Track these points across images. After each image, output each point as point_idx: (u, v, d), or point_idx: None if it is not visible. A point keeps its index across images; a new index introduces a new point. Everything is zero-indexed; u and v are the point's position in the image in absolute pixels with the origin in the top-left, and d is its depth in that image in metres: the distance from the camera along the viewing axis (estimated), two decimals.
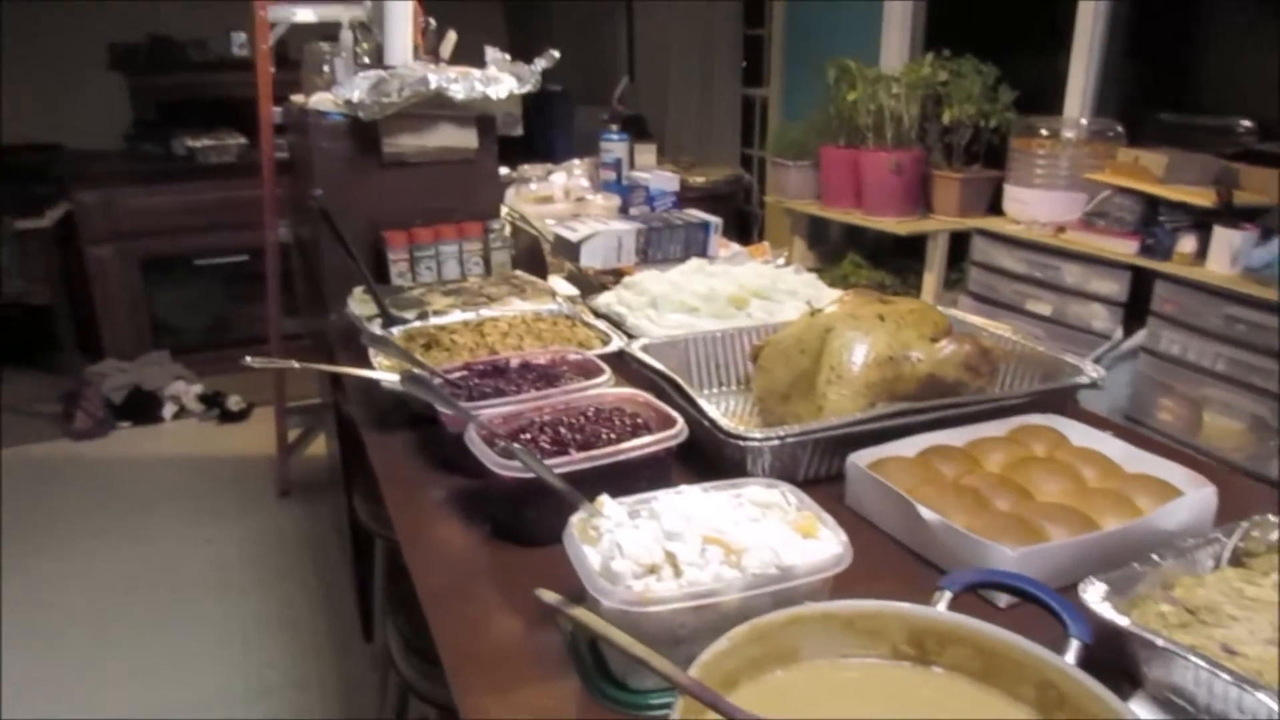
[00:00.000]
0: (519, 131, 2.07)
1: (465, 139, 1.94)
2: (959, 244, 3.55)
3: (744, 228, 5.06)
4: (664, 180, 2.55)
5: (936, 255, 3.57)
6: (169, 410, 3.89)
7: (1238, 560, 0.89)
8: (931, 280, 3.58)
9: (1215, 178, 2.66)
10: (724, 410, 1.41)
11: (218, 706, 2.29)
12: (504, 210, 2.18)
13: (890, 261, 3.98)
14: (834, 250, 4.22)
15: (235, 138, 4.45)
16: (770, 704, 0.67)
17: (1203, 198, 2.60)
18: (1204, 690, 0.73)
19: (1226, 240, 2.46)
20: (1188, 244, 2.58)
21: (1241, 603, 0.82)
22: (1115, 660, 0.80)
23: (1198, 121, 3.06)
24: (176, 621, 2.62)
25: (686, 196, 2.79)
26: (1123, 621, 0.77)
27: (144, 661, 2.45)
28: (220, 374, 4.04)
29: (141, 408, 3.86)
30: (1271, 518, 0.92)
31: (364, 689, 2.33)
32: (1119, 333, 2.77)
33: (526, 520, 1.03)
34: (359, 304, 1.68)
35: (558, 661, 0.86)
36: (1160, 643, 0.74)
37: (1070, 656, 0.69)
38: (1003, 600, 0.91)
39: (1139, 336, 2.70)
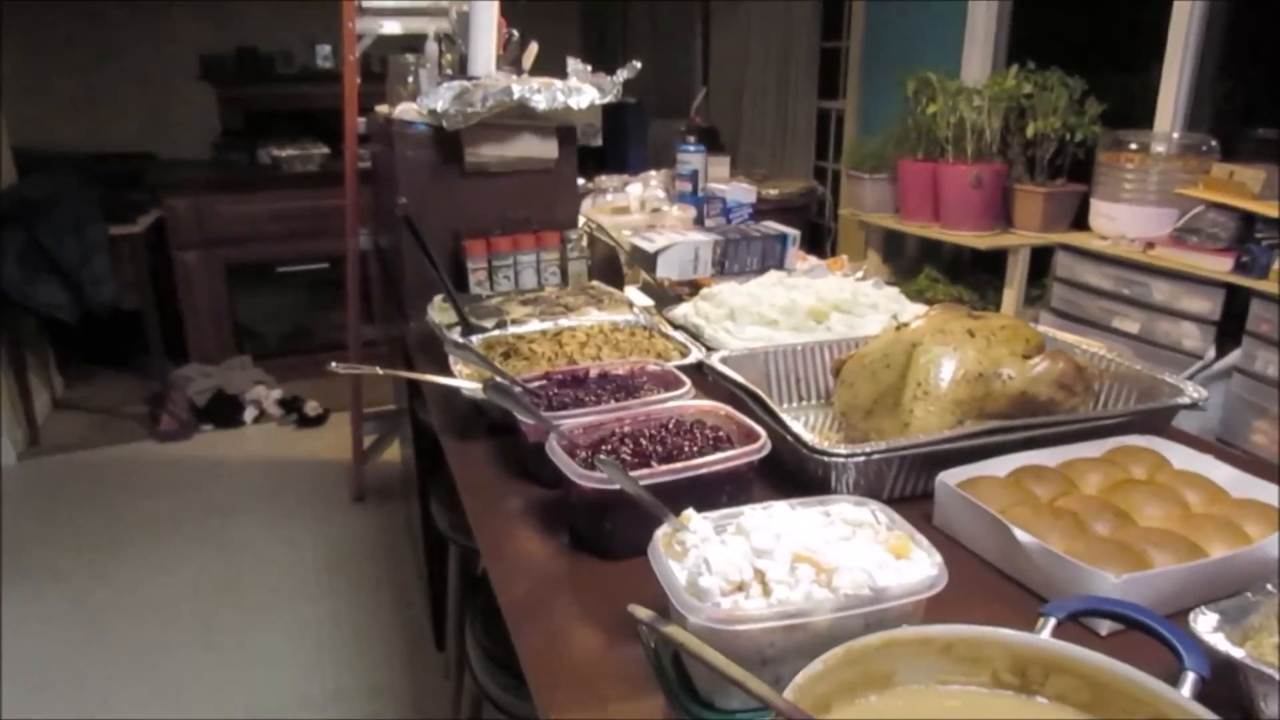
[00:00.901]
0: (599, 142, 2.08)
1: (546, 149, 1.96)
2: (1039, 260, 3.45)
3: (816, 241, 5.01)
4: (741, 192, 2.54)
5: (1017, 270, 3.48)
6: (250, 414, 4.00)
7: None
8: (1012, 296, 3.49)
9: None
10: (804, 425, 1.38)
11: (294, 709, 2.33)
12: (581, 221, 2.19)
13: (967, 277, 3.90)
14: (909, 265, 4.15)
15: (319, 148, 4.56)
16: None
17: None
18: None
19: None
20: None
21: None
22: (1228, 695, 0.76)
23: None
24: (255, 623, 2.67)
25: (759, 209, 2.78)
26: (1238, 654, 0.72)
27: (223, 662, 2.51)
28: (299, 379, 4.14)
29: (224, 411, 3.97)
30: None
31: (435, 695, 2.35)
32: (1211, 352, 2.66)
33: (606, 532, 1.02)
34: (439, 312, 1.70)
35: (642, 677, 0.85)
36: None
37: (1186, 690, 0.65)
38: (1104, 629, 0.87)
39: (1233, 356, 2.59)
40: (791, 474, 1.16)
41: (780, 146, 5.16)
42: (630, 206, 2.53)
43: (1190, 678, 0.67)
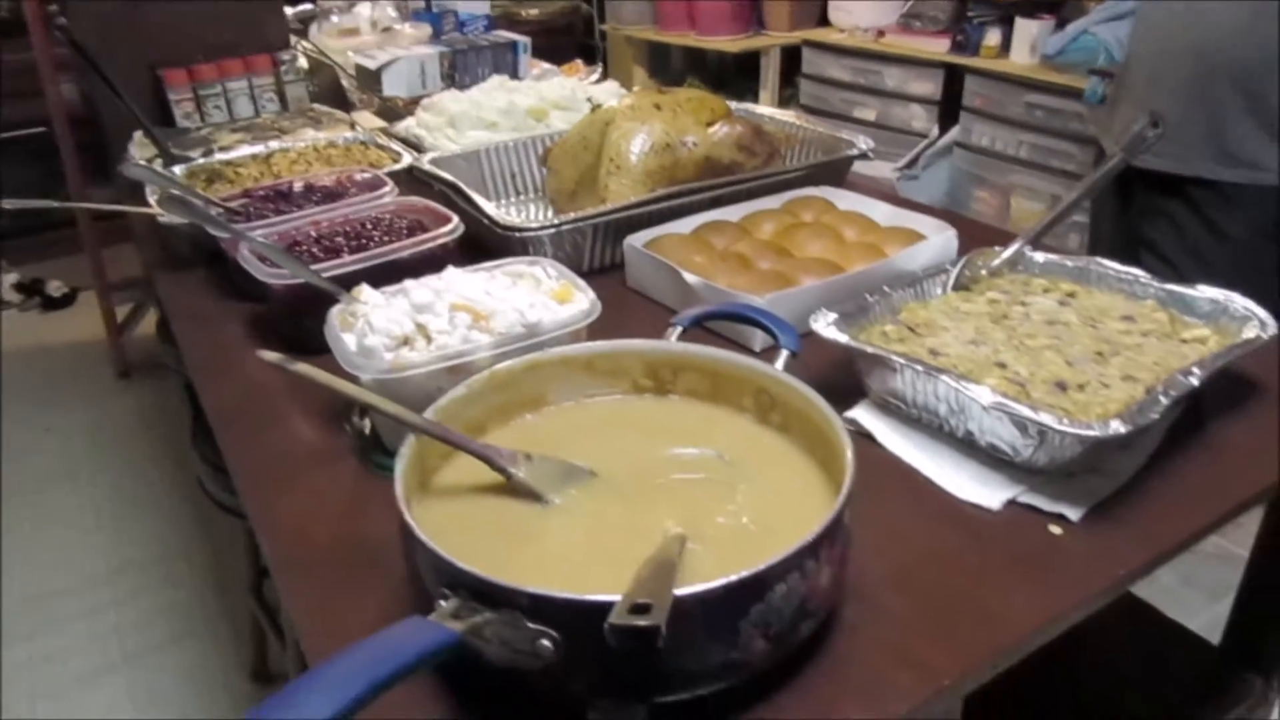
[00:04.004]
0: None
1: None
2: (793, 60, 3.57)
3: (589, 61, 4.94)
4: (474, 4, 2.46)
5: (770, 71, 3.59)
6: None
7: (964, 286, 0.99)
8: (767, 97, 3.61)
9: None
10: (522, 217, 1.43)
11: (84, 589, 2.28)
12: (298, 43, 2.08)
13: (731, 84, 3.98)
14: (676, 78, 4.19)
15: None
16: (518, 444, 0.72)
17: None
18: (910, 387, 0.82)
19: (1026, 31, 2.56)
20: (993, 37, 2.67)
21: (956, 316, 0.92)
22: (847, 379, 0.89)
23: None
24: (25, 515, 2.55)
25: (523, 30, 2.70)
26: (842, 339, 0.85)
27: None
28: (38, 261, 3.80)
29: None
30: (996, 249, 1.02)
31: (234, 553, 2.35)
32: (935, 130, 2.89)
33: (306, 329, 1.04)
34: (139, 147, 1.60)
35: (343, 454, 0.90)
36: (871, 350, 0.83)
37: (779, 364, 0.76)
38: (758, 344, 0.98)
39: (953, 133, 2.82)
40: (498, 258, 1.20)
41: None
42: (360, 28, 2.40)
43: (783, 354, 0.78)
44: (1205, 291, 0.90)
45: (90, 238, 3.03)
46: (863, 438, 0.84)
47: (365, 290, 0.89)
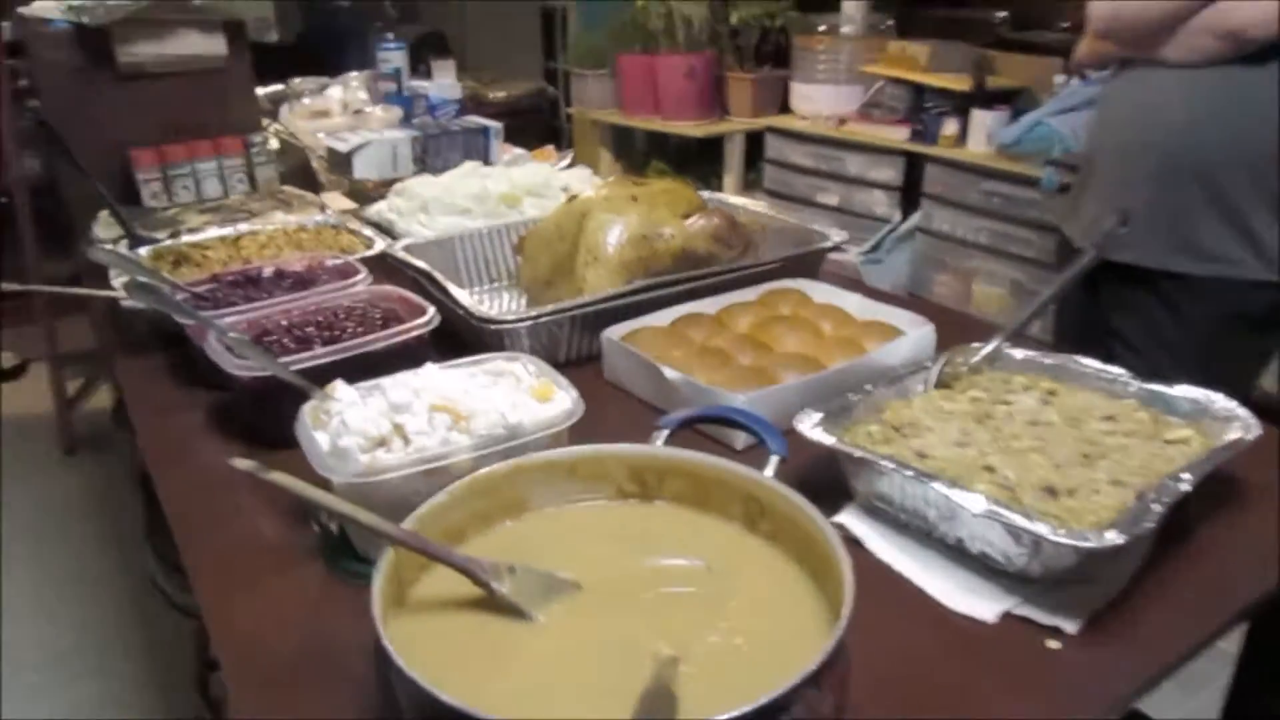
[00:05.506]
0: (274, 37, 1.95)
1: (212, 45, 1.82)
2: (757, 144, 3.64)
3: (553, 143, 5.00)
4: (445, 89, 2.48)
5: (734, 156, 3.65)
6: None
7: (944, 384, 0.98)
8: (731, 181, 3.67)
9: (973, 64, 2.82)
10: (496, 307, 1.41)
11: (13, 676, 2.15)
12: (269, 125, 2.07)
13: (694, 167, 4.03)
14: (640, 159, 4.25)
15: None
16: (499, 553, 0.69)
17: (962, 83, 2.76)
18: (898, 491, 0.80)
19: (982, 121, 2.64)
20: (950, 127, 2.75)
21: (940, 416, 0.91)
22: (832, 481, 0.87)
23: (959, 15, 3.23)
24: None
25: (489, 113, 2.72)
26: (828, 441, 0.83)
27: None
28: None
29: None
30: (975, 345, 1.02)
31: (176, 644, 2.24)
32: (897, 215, 2.94)
33: (274, 423, 1.00)
34: (104, 228, 1.57)
35: (308, 555, 0.85)
36: (858, 454, 0.81)
37: (769, 470, 0.74)
38: (740, 443, 0.96)
39: (914, 218, 2.87)
40: (473, 349, 1.18)
41: (508, 47, 5.06)
42: (331, 110, 2.41)
43: (773, 460, 0.76)
44: (1186, 391, 0.90)
45: (43, 309, 2.96)
46: (850, 542, 0.82)
47: (340, 387, 0.86)
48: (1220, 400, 0.88)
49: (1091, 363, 0.97)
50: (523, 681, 0.61)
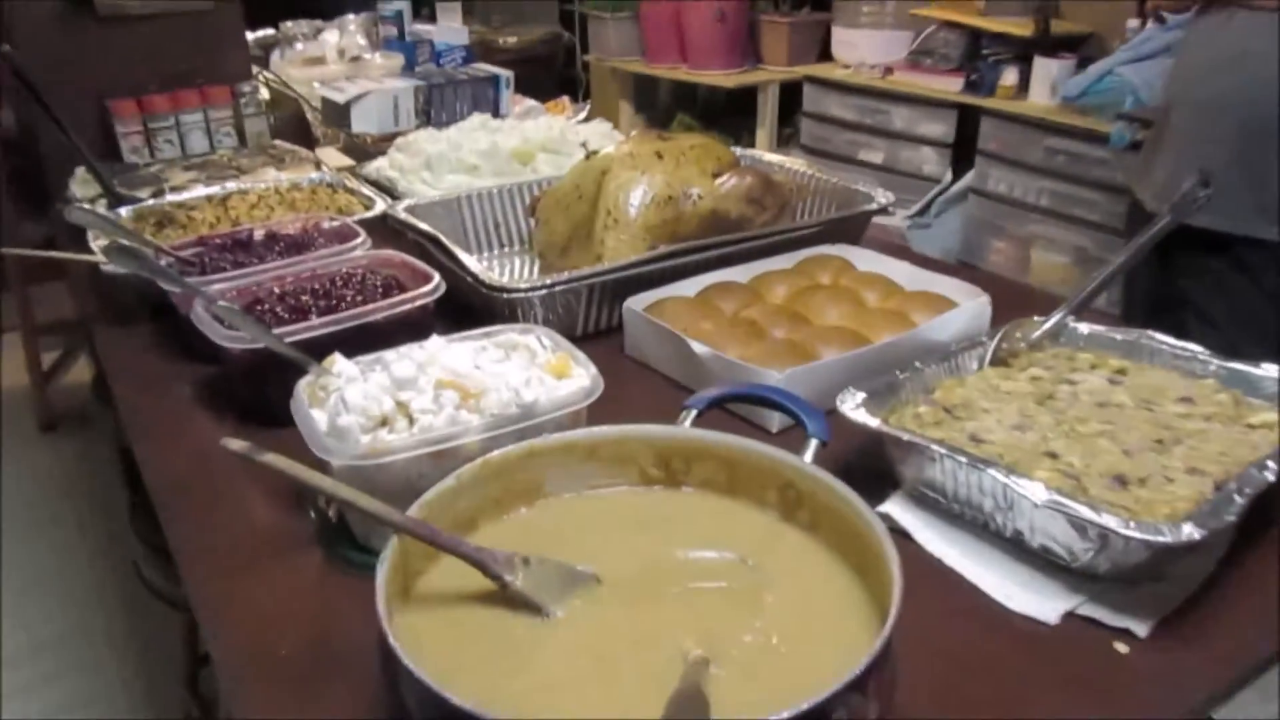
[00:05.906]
0: None
1: None
2: (791, 97, 3.61)
3: (569, 94, 4.98)
4: (450, 33, 2.47)
5: (768, 109, 3.63)
6: None
7: (1001, 361, 0.97)
8: (764, 136, 3.64)
9: (1035, 7, 2.78)
10: (508, 274, 1.41)
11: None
12: (259, 73, 2.07)
13: (723, 121, 4.01)
14: (665, 113, 4.23)
15: None
16: (513, 542, 0.69)
17: (1023, 28, 2.72)
18: (950, 479, 0.80)
19: (1045, 71, 2.60)
20: (1010, 77, 2.71)
21: (996, 396, 0.90)
22: (877, 466, 0.87)
23: None
24: None
25: (499, 60, 2.71)
26: (873, 423, 0.83)
27: None
28: None
29: None
30: (1036, 319, 1.01)
31: (164, 636, 2.28)
32: (948, 175, 2.91)
33: (268, 399, 1.01)
34: (81, 186, 1.58)
35: (304, 543, 0.86)
36: (906, 438, 0.81)
37: (808, 455, 0.73)
38: (775, 425, 0.96)
39: (967, 178, 2.85)
40: (481, 320, 1.18)
41: None
42: (326, 57, 2.41)
43: (812, 444, 0.75)
44: (1272, 371, 0.89)
45: (17, 275, 2.98)
46: (897, 534, 0.82)
47: (338, 361, 0.86)
48: None
49: (1165, 339, 0.96)
50: (539, 682, 0.61)
